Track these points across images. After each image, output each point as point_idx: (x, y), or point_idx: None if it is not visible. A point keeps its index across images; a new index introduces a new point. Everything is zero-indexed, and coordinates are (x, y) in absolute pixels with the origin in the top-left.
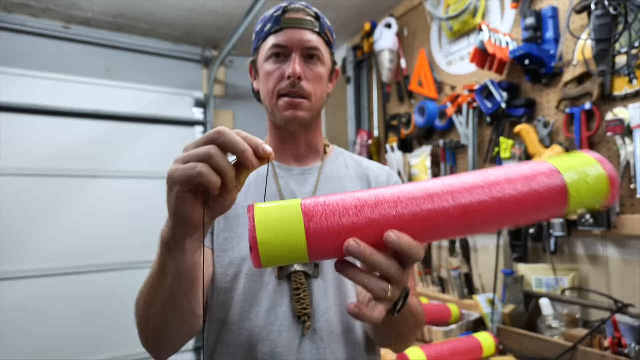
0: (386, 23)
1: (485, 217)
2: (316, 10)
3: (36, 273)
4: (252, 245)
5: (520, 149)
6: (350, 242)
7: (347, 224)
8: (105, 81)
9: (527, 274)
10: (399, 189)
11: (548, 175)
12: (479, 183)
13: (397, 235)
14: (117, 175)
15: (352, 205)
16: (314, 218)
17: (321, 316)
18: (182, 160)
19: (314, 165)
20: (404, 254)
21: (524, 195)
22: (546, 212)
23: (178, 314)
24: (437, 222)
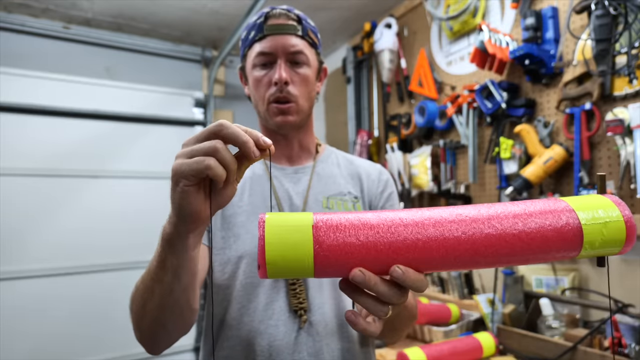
0: (386, 23)
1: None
2: (298, 13)
3: (36, 273)
4: (260, 264)
5: (520, 149)
6: (356, 272)
7: (355, 250)
8: (105, 81)
9: (527, 274)
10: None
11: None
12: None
13: (403, 270)
14: (117, 175)
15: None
16: (324, 244)
17: (317, 310)
18: (187, 154)
19: (306, 165)
20: (408, 288)
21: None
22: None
23: (176, 309)
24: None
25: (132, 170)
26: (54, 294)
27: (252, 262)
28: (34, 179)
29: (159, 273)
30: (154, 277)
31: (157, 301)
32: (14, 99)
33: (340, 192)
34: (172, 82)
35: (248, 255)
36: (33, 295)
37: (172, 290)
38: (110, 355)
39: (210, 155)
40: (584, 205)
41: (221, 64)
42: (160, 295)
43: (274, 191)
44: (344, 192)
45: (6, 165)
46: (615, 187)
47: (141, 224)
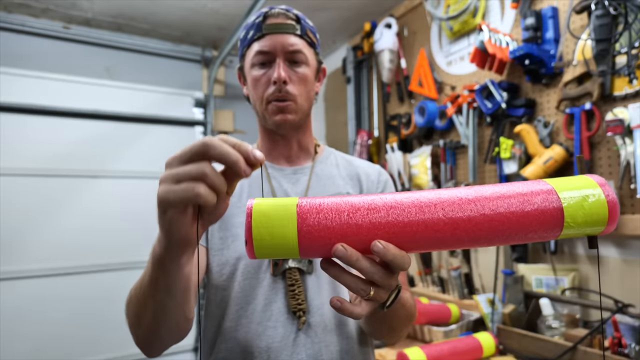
0: (386, 23)
1: (475, 233)
2: (297, 13)
3: (36, 273)
4: (247, 240)
5: (520, 149)
6: (337, 247)
7: (338, 228)
8: (105, 81)
9: (527, 274)
10: (391, 198)
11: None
12: (473, 198)
13: (384, 245)
14: (117, 175)
15: (345, 210)
16: (307, 220)
17: (315, 311)
18: (173, 179)
19: (305, 165)
20: (390, 263)
21: (516, 216)
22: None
23: (171, 322)
24: (426, 234)
25: (132, 170)
26: (53, 294)
27: (251, 263)
28: (34, 179)
29: (151, 291)
30: (147, 293)
31: (150, 316)
32: (14, 99)
33: (339, 193)
34: (172, 82)
35: (246, 256)
36: (33, 295)
37: (165, 306)
38: (110, 355)
39: (198, 180)
40: (566, 185)
41: (221, 64)
42: (154, 311)
43: (272, 192)
44: (342, 192)
45: (6, 165)
46: (615, 187)
47: (141, 224)
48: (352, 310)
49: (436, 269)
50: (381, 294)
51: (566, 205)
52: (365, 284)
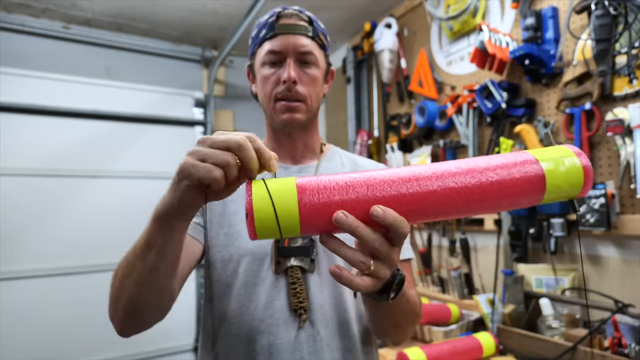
0: (386, 23)
1: (467, 199)
2: (309, 14)
3: (36, 273)
4: (248, 213)
5: (520, 148)
6: (338, 214)
7: (338, 199)
8: (105, 81)
9: (527, 274)
10: (388, 171)
11: (527, 164)
12: (464, 168)
13: (383, 209)
14: (117, 175)
15: (343, 183)
16: (307, 191)
17: (317, 309)
18: (199, 156)
19: (310, 164)
20: (390, 228)
21: (504, 180)
22: (525, 198)
23: (154, 289)
24: (422, 201)
25: (132, 170)
26: (53, 294)
27: (254, 261)
28: (34, 179)
29: (143, 250)
30: (139, 254)
31: (136, 278)
32: (14, 99)
33: None
34: (172, 82)
35: (249, 253)
36: (32, 296)
37: (154, 268)
38: (110, 355)
39: (219, 167)
40: (547, 155)
41: (221, 64)
42: (140, 273)
43: None
44: None
45: (6, 165)
46: (615, 187)
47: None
48: (352, 280)
49: (436, 269)
50: (382, 268)
51: (547, 170)
52: (365, 256)
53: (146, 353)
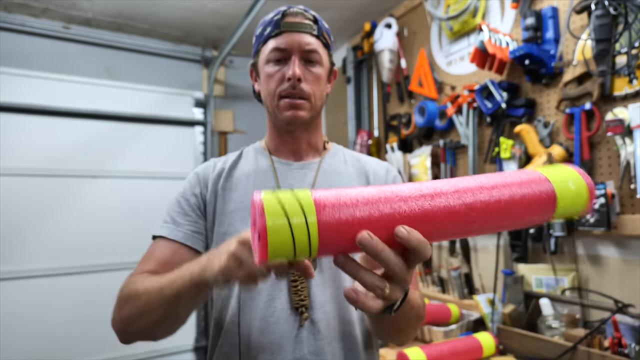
0: (386, 23)
1: (487, 216)
2: (314, 14)
3: (36, 273)
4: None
5: (520, 149)
6: (364, 235)
7: (359, 216)
8: (105, 81)
9: (527, 274)
10: (407, 187)
11: (540, 182)
12: (482, 185)
13: (408, 230)
14: (117, 175)
15: (363, 198)
16: (327, 208)
17: (318, 308)
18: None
19: (313, 161)
20: (413, 250)
21: (519, 199)
22: (538, 216)
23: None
24: (444, 219)
25: (132, 170)
26: (53, 294)
27: None
28: (34, 179)
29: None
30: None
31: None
32: (14, 99)
33: None
34: (172, 82)
35: None
36: (33, 296)
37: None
38: (110, 355)
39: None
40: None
41: (221, 64)
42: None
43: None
44: None
45: (6, 165)
46: (615, 187)
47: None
48: (366, 302)
49: (436, 269)
50: (396, 291)
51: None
52: (382, 280)
53: (146, 353)
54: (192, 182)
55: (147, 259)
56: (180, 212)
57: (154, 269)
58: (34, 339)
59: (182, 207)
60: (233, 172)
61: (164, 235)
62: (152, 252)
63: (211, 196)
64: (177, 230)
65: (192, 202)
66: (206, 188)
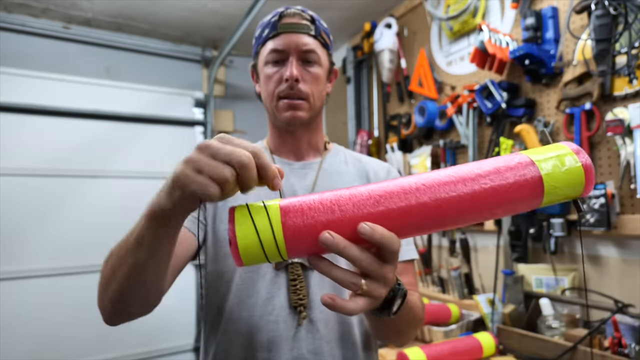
0: (386, 23)
1: (460, 210)
2: (312, 14)
3: (36, 273)
4: (232, 241)
5: (520, 148)
6: (324, 234)
7: (323, 219)
8: (105, 81)
9: (527, 274)
10: (375, 186)
11: (522, 166)
12: (453, 177)
13: (371, 226)
14: (117, 175)
15: (328, 201)
16: (290, 214)
17: (317, 307)
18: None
19: (314, 161)
20: (379, 245)
21: (498, 186)
22: (523, 203)
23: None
24: (413, 215)
25: (132, 170)
26: (53, 294)
27: None
28: (34, 179)
29: (133, 247)
30: (129, 249)
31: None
32: (14, 99)
33: None
34: (172, 82)
35: None
36: (33, 295)
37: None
38: (110, 355)
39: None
40: (543, 155)
41: (221, 64)
42: (129, 268)
43: None
44: None
45: (6, 165)
46: (615, 187)
47: None
48: (344, 306)
49: (436, 269)
50: (376, 288)
51: (544, 172)
52: (355, 276)
53: (146, 353)
54: None
55: None
56: None
57: None
58: (34, 338)
59: None
60: None
61: None
62: None
63: None
64: None
65: None
66: None
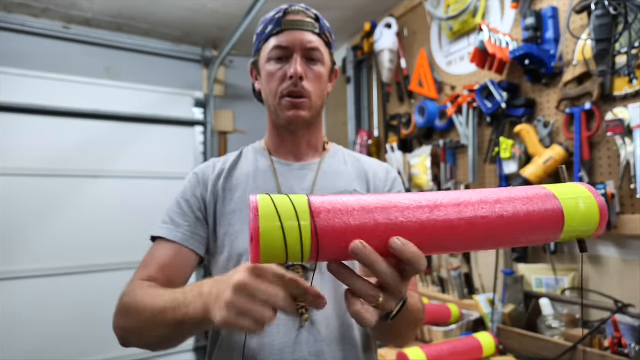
0: (386, 23)
1: (487, 232)
2: (316, 12)
3: (36, 273)
4: (253, 236)
5: (520, 149)
6: (357, 244)
7: (354, 224)
8: (105, 81)
9: (527, 274)
10: (406, 197)
11: (547, 199)
12: (484, 199)
13: (403, 242)
14: (117, 175)
15: (359, 206)
16: (322, 214)
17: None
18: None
19: (313, 161)
20: (407, 262)
21: (524, 216)
22: (543, 234)
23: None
24: (442, 233)
25: (132, 170)
26: (54, 294)
27: None
28: (34, 179)
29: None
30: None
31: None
32: (14, 99)
33: (346, 190)
34: (172, 82)
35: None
36: (33, 296)
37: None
38: (110, 355)
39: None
40: (564, 192)
41: (221, 64)
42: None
43: (278, 187)
44: (349, 189)
45: (6, 165)
46: (615, 187)
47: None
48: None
49: (436, 269)
50: (389, 301)
51: (565, 208)
52: (375, 289)
53: (146, 353)
54: (192, 182)
55: (147, 263)
56: (180, 212)
57: (155, 275)
58: (34, 338)
59: (181, 208)
60: (233, 173)
61: (163, 236)
62: (153, 255)
63: (211, 197)
64: (176, 231)
65: (192, 203)
66: (206, 189)
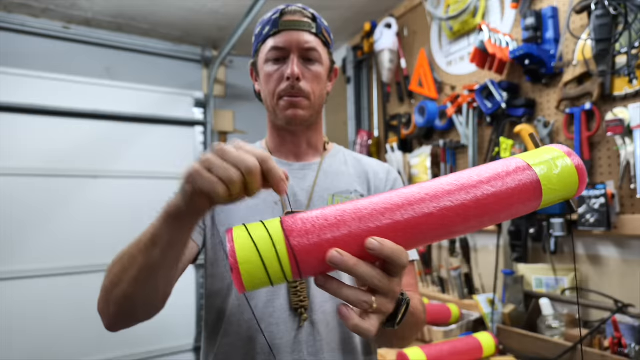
0: (386, 23)
1: (465, 218)
2: (313, 12)
3: (36, 273)
4: (233, 266)
5: (520, 148)
6: (332, 253)
7: (330, 237)
8: (105, 81)
9: (527, 274)
10: (377, 199)
11: (520, 171)
12: (455, 185)
13: (379, 241)
14: (117, 175)
15: (333, 218)
16: (294, 233)
17: (318, 309)
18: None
19: (313, 161)
20: (388, 260)
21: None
22: (523, 207)
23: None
24: (419, 226)
25: (132, 170)
26: (54, 294)
27: None
28: (34, 179)
29: (148, 246)
30: (142, 249)
31: (135, 273)
32: (14, 99)
33: (347, 190)
34: (172, 82)
35: None
36: (33, 295)
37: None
38: (110, 355)
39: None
40: (538, 159)
41: (221, 64)
42: (140, 269)
43: None
44: (350, 190)
45: (6, 165)
46: (615, 187)
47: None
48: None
49: (436, 269)
50: (385, 303)
51: (541, 175)
52: (366, 294)
53: (146, 353)
54: None
55: None
56: None
57: None
58: (34, 338)
59: None
60: None
61: None
62: None
63: None
64: None
65: None
66: None
